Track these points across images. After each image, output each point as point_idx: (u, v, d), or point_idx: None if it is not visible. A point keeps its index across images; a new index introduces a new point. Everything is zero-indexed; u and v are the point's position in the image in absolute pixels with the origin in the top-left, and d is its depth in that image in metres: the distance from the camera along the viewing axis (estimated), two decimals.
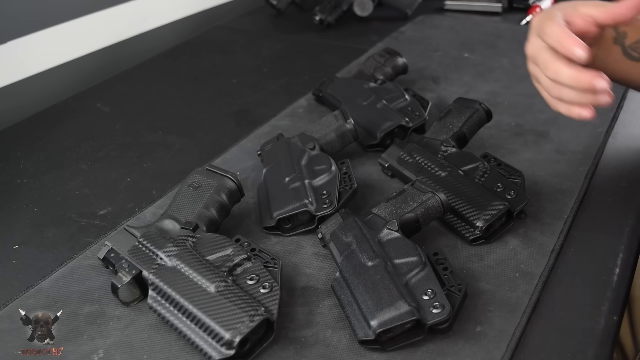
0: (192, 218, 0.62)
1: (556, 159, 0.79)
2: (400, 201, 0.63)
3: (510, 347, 0.52)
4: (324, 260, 0.64)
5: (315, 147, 0.75)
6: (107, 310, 0.58)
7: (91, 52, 1.17)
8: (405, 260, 0.56)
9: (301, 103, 0.98)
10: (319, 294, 0.59)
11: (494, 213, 0.63)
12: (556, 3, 1.36)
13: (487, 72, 1.04)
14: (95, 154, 0.87)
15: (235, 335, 0.49)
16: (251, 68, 1.15)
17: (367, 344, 0.52)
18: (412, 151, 0.74)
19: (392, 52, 0.97)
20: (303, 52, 1.22)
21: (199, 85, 1.08)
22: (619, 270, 0.60)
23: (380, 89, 0.88)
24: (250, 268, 0.56)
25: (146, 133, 0.92)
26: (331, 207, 0.66)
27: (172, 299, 0.53)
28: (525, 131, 0.86)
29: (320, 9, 1.33)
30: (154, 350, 0.53)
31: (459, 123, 0.76)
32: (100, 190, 0.78)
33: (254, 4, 1.50)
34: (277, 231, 0.67)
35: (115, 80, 1.12)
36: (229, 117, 0.96)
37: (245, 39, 1.31)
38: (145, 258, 0.58)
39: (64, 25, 1.11)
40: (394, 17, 1.36)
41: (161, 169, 0.83)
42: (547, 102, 0.62)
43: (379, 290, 0.53)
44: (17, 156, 0.87)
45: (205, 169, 0.67)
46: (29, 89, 1.06)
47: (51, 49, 1.09)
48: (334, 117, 0.78)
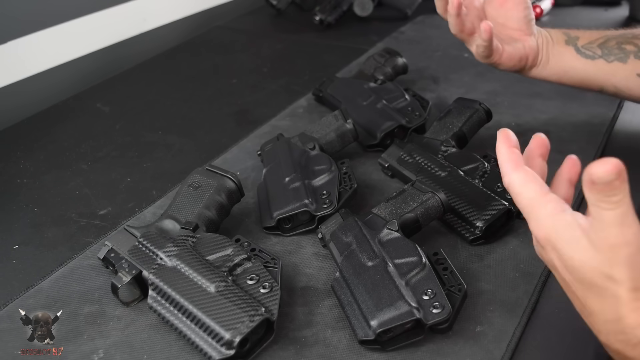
0: (192, 218, 0.62)
1: (556, 159, 0.78)
2: (400, 201, 0.63)
3: (510, 347, 0.52)
4: (324, 260, 0.64)
5: (315, 147, 0.75)
6: (107, 310, 0.58)
7: (91, 52, 1.17)
8: (405, 260, 0.56)
9: (301, 103, 0.98)
10: (319, 294, 0.59)
11: (494, 213, 0.63)
12: (556, 3, 1.36)
13: (487, 72, 1.04)
14: (95, 154, 0.87)
15: (235, 335, 0.49)
16: (251, 68, 1.15)
17: (367, 344, 0.52)
18: (412, 151, 0.74)
19: (392, 52, 0.97)
20: (303, 52, 1.22)
21: (199, 85, 1.08)
22: None
23: (380, 89, 0.88)
24: (250, 268, 0.56)
25: (146, 133, 0.92)
26: (331, 207, 0.66)
27: (172, 299, 0.53)
28: (525, 131, 0.86)
29: (320, 9, 1.33)
30: (154, 350, 0.53)
31: (459, 123, 0.76)
32: (100, 190, 0.78)
33: (254, 4, 1.50)
34: (277, 231, 0.67)
35: (115, 80, 1.12)
36: (229, 117, 0.96)
37: (245, 39, 1.31)
38: (145, 258, 0.58)
39: (64, 25, 1.11)
40: (394, 17, 1.36)
41: (161, 169, 0.83)
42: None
43: (379, 290, 0.53)
44: (17, 156, 0.87)
45: (205, 169, 0.67)
46: (29, 89, 1.06)
47: (51, 49, 1.09)
48: (334, 117, 0.78)
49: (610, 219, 0.38)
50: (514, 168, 0.46)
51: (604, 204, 0.38)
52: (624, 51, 0.74)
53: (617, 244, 0.39)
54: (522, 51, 0.75)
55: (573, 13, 1.33)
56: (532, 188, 0.45)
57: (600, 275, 0.40)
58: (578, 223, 0.42)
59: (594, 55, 0.75)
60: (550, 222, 0.43)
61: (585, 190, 0.39)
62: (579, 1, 1.37)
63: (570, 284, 0.44)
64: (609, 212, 0.38)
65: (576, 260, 0.41)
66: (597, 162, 0.37)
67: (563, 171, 0.49)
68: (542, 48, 0.76)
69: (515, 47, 0.75)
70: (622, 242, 0.39)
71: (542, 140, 0.51)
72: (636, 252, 0.39)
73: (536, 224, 0.45)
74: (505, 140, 0.48)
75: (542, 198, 0.44)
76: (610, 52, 0.75)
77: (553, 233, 0.43)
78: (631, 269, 0.39)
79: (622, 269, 0.39)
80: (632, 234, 0.39)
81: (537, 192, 0.44)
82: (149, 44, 1.28)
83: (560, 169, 0.50)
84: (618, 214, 0.38)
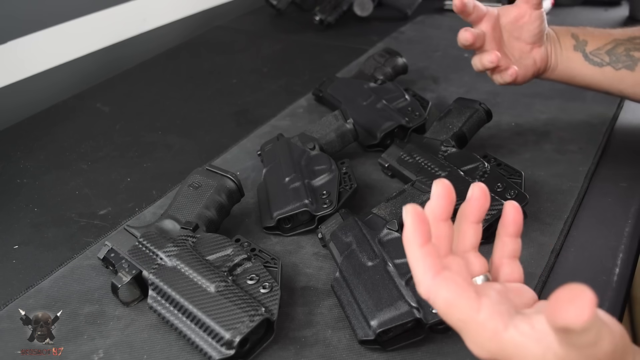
0: (192, 218, 0.62)
1: (556, 159, 0.79)
2: (400, 201, 0.63)
3: None
4: (324, 260, 0.64)
5: (315, 147, 0.75)
6: (107, 310, 0.58)
7: (91, 52, 1.17)
8: (405, 260, 0.56)
9: (301, 103, 0.98)
10: (319, 294, 0.59)
11: (494, 213, 0.63)
12: (556, 3, 1.36)
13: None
14: (95, 154, 0.87)
15: (235, 335, 0.49)
16: (251, 68, 1.15)
17: (367, 344, 0.52)
18: (412, 151, 0.74)
19: (392, 52, 0.97)
20: (303, 52, 1.22)
21: (199, 85, 1.08)
22: (619, 270, 0.60)
23: (380, 89, 0.88)
24: (250, 268, 0.56)
25: (146, 133, 0.92)
26: (331, 207, 0.66)
27: (172, 299, 0.53)
28: (525, 131, 0.86)
29: (320, 9, 1.33)
30: (154, 350, 0.53)
31: (459, 123, 0.76)
32: (100, 190, 0.78)
33: (254, 4, 1.50)
34: (277, 231, 0.67)
35: (115, 80, 1.12)
36: (229, 117, 0.96)
37: (245, 39, 1.31)
38: (145, 258, 0.57)
39: (64, 25, 1.11)
40: (394, 17, 1.36)
41: (161, 169, 0.82)
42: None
43: (379, 290, 0.53)
44: (17, 156, 0.87)
45: (205, 169, 0.67)
46: (29, 89, 1.06)
47: (51, 49, 1.09)
48: (334, 117, 0.78)
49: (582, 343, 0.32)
50: (434, 275, 0.36)
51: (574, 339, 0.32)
52: (632, 59, 0.74)
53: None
54: (534, 68, 0.75)
55: (573, 13, 1.33)
56: (462, 305, 0.36)
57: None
58: (531, 333, 0.34)
59: (602, 62, 0.75)
60: (493, 346, 0.36)
61: (547, 319, 0.32)
62: (579, 1, 1.37)
63: None
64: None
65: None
66: (564, 302, 0.30)
67: (505, 224, 0.42)
68: (551, 54, 0.76)
69: (526, 66, 0.75)
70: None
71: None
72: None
73: (475, 346, 0.37)
74: (416, 218, 0.37)
75: (476, 316, 0.36)
76: (619, 59, 0.74)
77: (500, 352, 0.36)
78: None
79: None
80: (607, 344, 0.33)
81: (469, 309, 0.36)
82: (149, 44, 1.28)
83: (501, 220, 0.42)
84: (591, 336, 0.32)
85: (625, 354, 0.35)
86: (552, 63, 0.76)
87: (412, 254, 0.37)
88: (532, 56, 0.74)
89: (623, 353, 0.34)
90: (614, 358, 0.33)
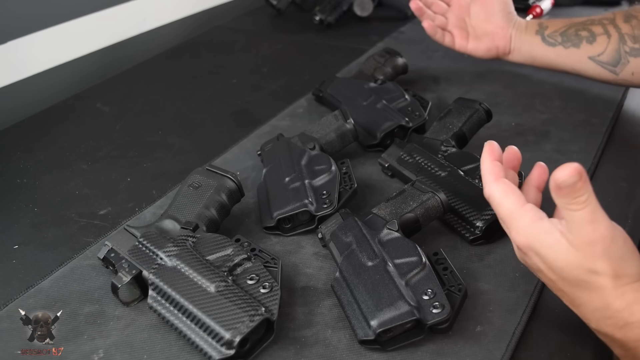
0: (192, 218, 0.62)
1: (556, 159, 0.79)
2: (400, 201, 0.63)
3: (510, 347, 0.52)
4: (324, 260, 0.64)
5: (315, 147, 0.75)
6: (107, 310, 0.58)
7: (91, 52, 1.17)
8: (405, 260, 0.56)
9: (301, 103, 0.98)
10: (319, 294, 0.59)
11: (494, 213, 0.63)
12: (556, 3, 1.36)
13: (487, 72, 1.04)
14: (95, 154, 0.87)
15: (235, 335, 0.49)
16: (251, 68, 1.15)
17: (367, 344, 0.52)
18: (412, 151, 0.74)
19: (392, 52, 0.97)
20: (303, 52, 1.22)
21: (199, 85, 1.08)
22: None
23: (380, 89, 0.88)
24: (250, 268, 0.56)
25: (146, 133, 0.92)
26: (331, 207, 0.66)
27: (172, 298, 0.53)
28: (525, 131, 0.86)
29: (320, 9, 1.33)
30: (154, 350, 0.53)
31: (459, 123, 0.76)
32: (100, 190, 0.78)
33: (254, 4, 1.50)
34: (277, 231, 0.67)
35: (115, 80, 1.12)
36: (229, 117, 0.96)
37: (245, 39, 1.31)
38: (145, 258, 0.58)
39: (64, 25, 1.10)
40: (394, 17, 1.36)
41: (161, 169, 0.82)
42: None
43: (379, 290, 0.53)
44: (17, 156, 0.87)
45: (205, 169, 0.67)
46: (29, 89, 1.06)
47: (51, 49, 1.09)
48: (334, 117, 0.78)
49: (581, 219, 0.43)
50: (494, 180, 0.51)
51: (573, 205, 0.42)
52: (579, 37, 0.85)
53: (593, 240, 0.43)
54: (489, 43, 0.91)
55: (573, 13, 1.32)
56: (511, 199, 0.49)
57: (584, 271, 0.44)
58: (556, 228, 0.46)
59: (555, 42, 0.87)
60: (530, 230, 0.47)
61: (553, 196, 0.43)
62: (579, 1, 1.37)
63: (557, 282, 0.48)
64: (579, 213, 0.43)
65: (560, 262, 0.46)
66: (559, 168, 0.42)
67: (532, 178, 0.54)
68: (514, 38, 0.90)
69: (483, 40, 0.92)
70: (597, 238, 0.43)
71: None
72: (610, 243, 0.43)
73: (517, 233, 0.48)
74: (489, 152, 0.53)
75: (521, 208, 0.48)
76: (568, 39, 0.86)
77: (534, 240, 0.47)
78: (609, 259, 0.44)
79: (602, 262, 0.44)
80: (603, 228, 0.43)
81: (516, 203, 0.49)
82: (149, 44, 1.28)
83: (529, 176, 0.54)
84: (587, 213, 0.43)
85: (627, 256, 0.44)
86: (516, 46, 0.90)
87: (484, 164, 0.52)
88: (491, 35, 0.91)
89: (624, 250, 0.44)
90: (611, 251, 0.43)
